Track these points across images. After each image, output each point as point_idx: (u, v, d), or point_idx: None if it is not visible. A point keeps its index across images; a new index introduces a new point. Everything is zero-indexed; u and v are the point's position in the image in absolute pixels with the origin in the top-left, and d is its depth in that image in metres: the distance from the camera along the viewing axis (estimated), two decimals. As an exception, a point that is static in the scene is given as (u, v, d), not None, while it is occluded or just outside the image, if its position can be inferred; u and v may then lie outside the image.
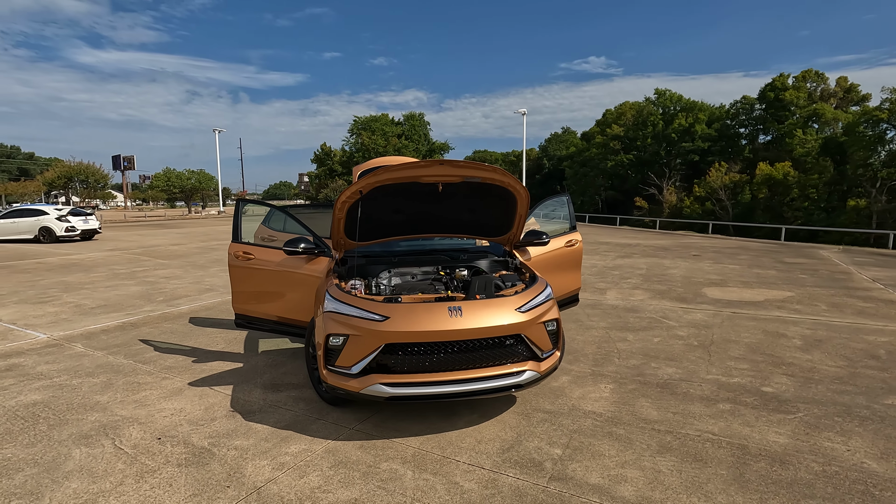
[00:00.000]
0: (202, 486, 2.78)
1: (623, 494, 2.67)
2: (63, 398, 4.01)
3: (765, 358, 4.78)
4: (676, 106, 62.86)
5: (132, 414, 3.71)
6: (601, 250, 14.09)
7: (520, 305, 3.33)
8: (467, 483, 2.79)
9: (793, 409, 3.66)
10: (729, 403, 3.78)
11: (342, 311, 3.26)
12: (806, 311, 6.66)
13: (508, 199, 3.88)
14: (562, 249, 5.20)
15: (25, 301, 7.77)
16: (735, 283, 8.76)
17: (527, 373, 3.32)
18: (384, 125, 62.52)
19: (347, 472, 2.90)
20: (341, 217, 3.74)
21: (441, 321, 3.13)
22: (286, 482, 2.81)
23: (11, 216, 18.19)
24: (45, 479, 2.86)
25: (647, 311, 6.74)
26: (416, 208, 3.94)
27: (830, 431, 3.32)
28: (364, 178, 3.49)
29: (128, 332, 5.96)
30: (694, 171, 57.04)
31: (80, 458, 3.08)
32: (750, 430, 3.35)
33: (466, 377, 3.20)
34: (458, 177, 3.56)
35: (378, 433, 3.38)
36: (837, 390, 4.00)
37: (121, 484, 2.80)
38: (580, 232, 5.44)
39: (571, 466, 2.94)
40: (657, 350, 5.07)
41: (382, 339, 3.11)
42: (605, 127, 67.73)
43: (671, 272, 10.00)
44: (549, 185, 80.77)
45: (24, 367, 4.78)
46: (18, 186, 48.62)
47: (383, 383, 3.13)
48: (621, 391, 4.05)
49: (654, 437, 3.29)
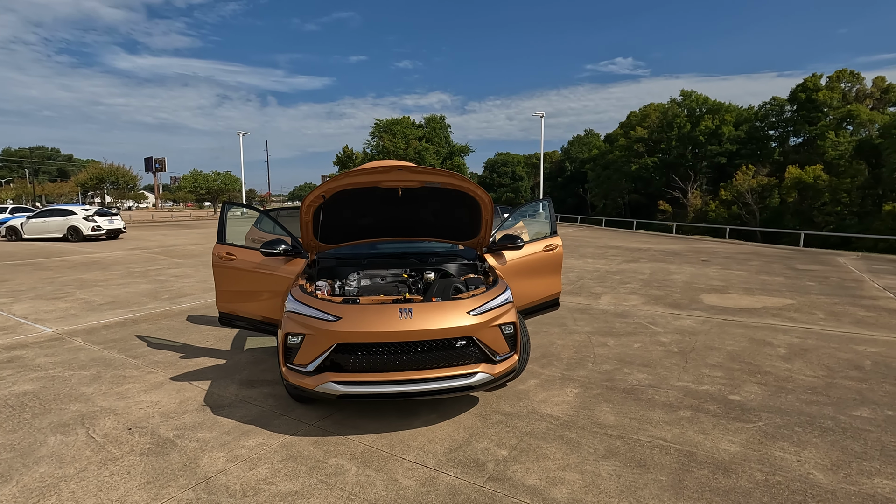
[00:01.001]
0: (157, 474, 2.94)
1: (555, 496, 2.71)
2: (52, 389, 4.26)
3: (742, 366, 4.71)
4: (703, 107, 61.52)
5: (111, 405, 3.92)
6: (609, 254, 13.95)
7: (472, 308, 3.40)
8: (406, 480, 2.87)
9: (754, 419, 3.62)
10: (690, 411, 3.76)
11: (300, 311, 3.40)
12: (801, 319, 6.50)
13: (472, 204, 3.96)
14: (540, 254, 5.21)
15: (41, 297, 8.20)
16: (737, 289, 8.58)
17: (479, 375, 3.38)
18: (405, 128, 63.06)
19: (296, 466, 3.02)
20: (308, 220, 3.88)
21: (391, 322, 3.23)
22: (235, 473, 2.95)
23: (42, 216, 19.10)
24: (17, 462, 3.07)
25: (637, 316, 6.69)
26: (384, 212, 4.05)
27: (786, 441, 3.28)
28: (326, 183, 3.62)
29: (127, 328, 6.24)
30: (720, 174, 55.73)
31: (53, 445, 3.28)
32: (703, 438, 3.33)
33: (417, 377, 3.28)
34: (418, 182, 3.65)
35: (335, 430, 3.49)
36: (807, 400, 3.93)
37: (84, 470, 2.99)
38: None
39: (513, 468, 2.99)
40: (634, 356, 5.04)
41: (334, 338, 3.22)
42: (628, 129, 66.80)
43: (674, 277, 9.85)
44: (570, 187, 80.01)
45: (25, 358, 5.08)
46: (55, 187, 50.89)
47: (335, 381, 3.25)
48: (585, 396, 4.06)
49: (603, 441, 3.31)
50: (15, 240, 18.84)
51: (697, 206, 54.61)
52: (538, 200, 5.67)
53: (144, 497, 2.71)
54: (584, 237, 20.44)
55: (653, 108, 66.16)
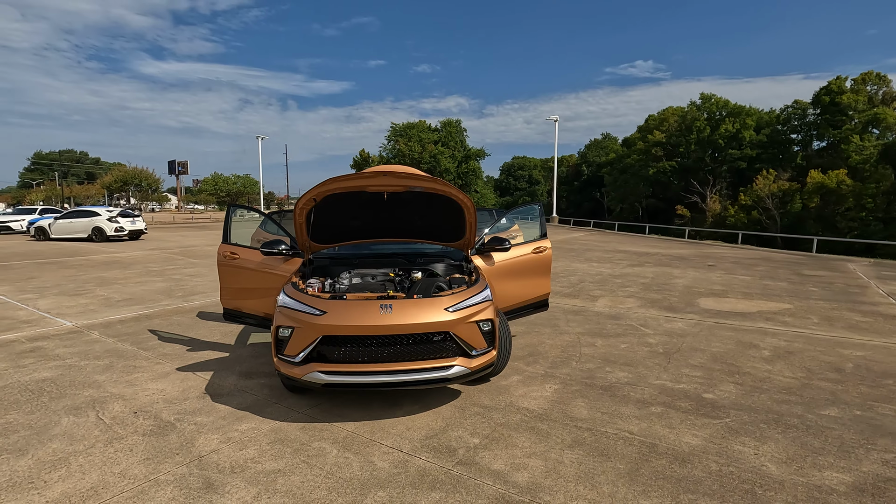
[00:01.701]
0: (156, 452, 3.23)
1: (516, 479, 2.91)
2: (68, 376, 4.61)
3: (723, 367, 4.83)
4: (723, 111, 60.69)
5: (120, 392, 4.25)
6: (615, 259, 14.01)
7: (450, 305, 3.62)
8: (381, 462, 3.11)
9: (722, 415, 3.75)
10: (662, 407, 3.91)
11: (290, 306, 3.66)
12: (794, 323, 6.55)
13: (456, 208, 4.18)
14: (528, 256, 5.41)
15: (64, 293, 8.67)
16: (736, 294, 8.62)
17: (455, 368, 3.60)
18: (420, 132, 63.60)
19: (281, 448, 3.28)
20: (301, 222, 4.15)
21: (372, 317, 3.47)
22: (226, 453, 3.22)
23: (69, 217, 19.92)
24: (33, 439, 3.39)
25: (630, 318, 6.81)
26: (373, 214, 4.30)
27: (748, 437, 3.42)
28: (317, 187, 3.89)
29: (141, 323, 6.62)
30: (740, 178, 54.92)
31: (65, 425, 3.60)
32: (668, 432, 3.49)
33: (397, 369, 3.52)
34: (402, 186, 3.89)
35: (322, 417, 3.74)
36: (779, 400, 4.04)
37: (92, 447, 3.29)
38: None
39: (482, 454, 3.20)
40: (618, 356, 5.20)
41: (320, 331, 3.48)
42: (646, 133, 66.27)
43: (675, 282, 9.90)
44: (587, 191, 79.58)
45: (46, 349, 5.46)
46: (82, 189, 52.81)
47: (321, 371, 3.50)
48: (564, 391, 4.24)
49: (572, 433, 3.49)
50: (43, 239, 19.69)
51: (716, 211, 53.85)
52: (531, 204, 5.85)
53: (143, 471, 2.99)
54: (594, 241, 20.45)
55: (671, 111, 65.52)
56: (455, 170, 61.52)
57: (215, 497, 2.73)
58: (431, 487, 2.83)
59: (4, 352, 5.37)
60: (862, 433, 3.46)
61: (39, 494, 2.76)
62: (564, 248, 16.88)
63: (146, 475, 2.95)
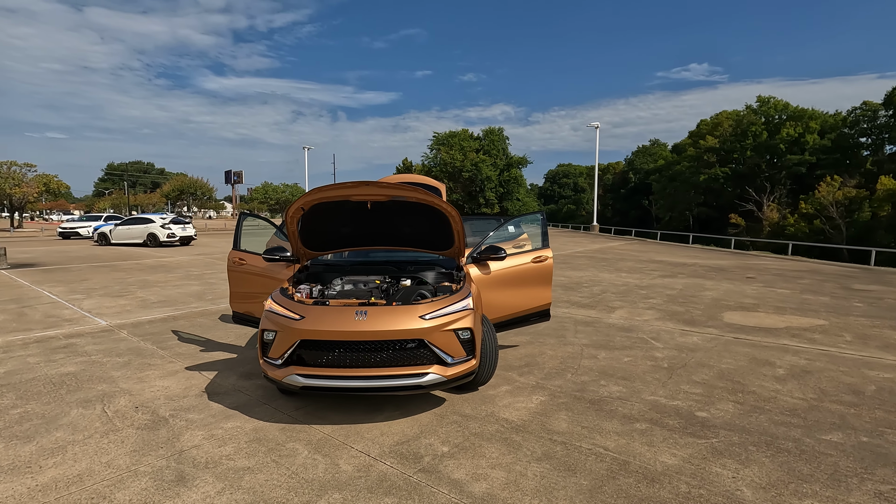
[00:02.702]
0: (144, 444, 3.45)
1: (472, 490, 2.90)
2: (89, 371, 4.98)
3: (727, 384, 4.59)
4: (782, 114, 57.45)
5: (130, 387, 4.55)
6: (647, 269, 13.53)
7: (425, 313, 3.66)
8: (346, 465, 3.18)
9: (710, 435, 3.57)
10: (647, 424, 3.77)
11: (274, 311, 3.82)
12: (822, 341, 6.11)
13: (441, 217, 4.22)
14: (528, 265, 5.36)
15: (108, 294, 9.36)
16: (768, 308, 8.13)
17: (430, 375, 3.62)
18: (462, 140, 63.93)
19: (257, 447, 3.42)
20: (293, 230, 4.33)
21: (346, 323, 3.57)
22: (206, 449, 3.39)
23: (127, 224, 21.45)
24: (41, 428, 3.70)
25: (643, 331, 6.58)
26: (363, 223, 4.41)
27: (731, 459, 3.24)
28: (303, 196, 4.05)
29: (167, 324, 7.05)
30: (800, 185, 51.70)
31: (73, 416, 3.91)
32: (646, 450, 3.36)
33: (372, 374, 3.59)
34: (385, 196, 3.98)
35: (304, 419, 3.86)
36: (779, 421, 3.80)
37: (89, 437, 3.56)
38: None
39: (447, 462, 3.21)
40: (618, 369, 5.04)
41: (298, 335, 3.61)
42: (698, 138, 63.76)
43: (705, 294, 9.46)
44: (634, 199, 77.16)
45: (77, 345, 5.93)
46: (146, 198, 56.80)
47: (299, 374, 3.62)
48: (549, 404, 4.17)
49: (544, 445, 3.43)
50: (104, 244, 21.28)
51: (773, 219, 50.89)
52: (534, 212, 5.80)
53: (126, 462, 3.21)
54: (630, 251, 19.82)
55: (725, 115, 62.70)
56: (497, 178, 61.31)
57: (182, 490, 2.89)
58: (387, 493, 2.87)
59: (42, 347, 5.87)
60: (861, 461, 3.20)
61: (32, 479, 3.01)
62: (596, 258, 16.47)
63: (128, 466, 3.16)
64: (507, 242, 5.61)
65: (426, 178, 7.48)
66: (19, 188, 36.34)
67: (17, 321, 7.20)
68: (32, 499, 2.80)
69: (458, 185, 60.77)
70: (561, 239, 27.52)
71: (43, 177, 38.58)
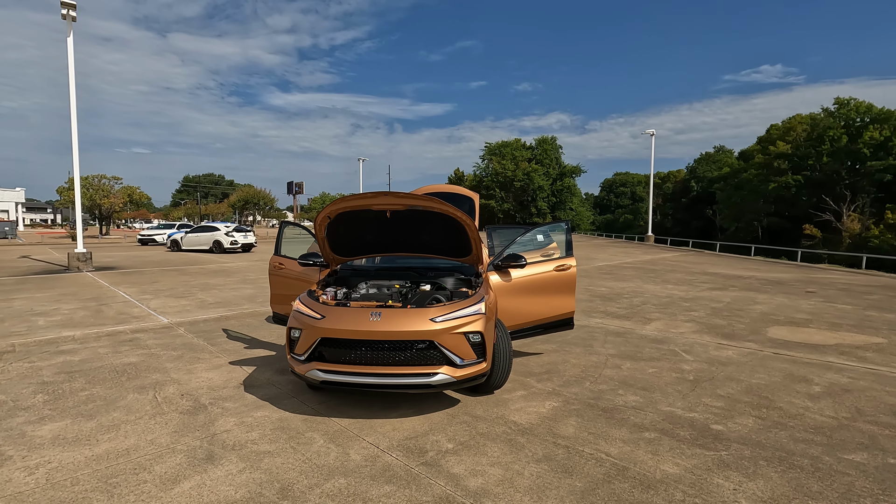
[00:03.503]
0: (183, 426, 3.87)
1: (468, 484, 3.05)
2: (147, 362, 5.57)
3: (753, 399, 4.44)
4: (865, 116, 53.06)
5: (179, 377, 5.06)
6: (697, 281, 12.99)
7: (435, 316, 3.86)
8: (355, 455, 3.42)
9: (721, 448, 3.51)
10: (657, 433, 3.75)
11: (299, 311, 4.16)
12: (873, 359, 5.71)
13: (457, 226, 4.42)
14: (550, 273, 5.43)
15: (172, 295, 10.25)
16: (821, 323, 7.64)
17: (439, 376, 3.81)
18: (514, 150, 63.79)
19: (279, 434, 3.74)
20: (322, 237, 4.67)
21: (362, 323, 3.83)
22: (235, 433, 3.75)
23: (196, 231, 23.21)
24: (102, 408, 4.23)
25: (675, 343, 6.42)
26: (386, 231, 4.69)
27: (737, 472, 3.18)
28: (329, 205, 4.38)
29: (219, 323, 7.67)
30: (886, 193, 47.37)
31: (129, 399, 4.42)
32: (649, 458, 3.37)
33: (384, 372, 3.82)
34: (402, 205, 4.24)
35: (325, 412, 4.16)
36: (801, 438, 3.66)
37: (140, 418, 4.03)
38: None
39: (448, 458, 3.37)
40: (640, 379, 4.99)
41: (319, 333, 3.91)
42: (767, 144, 60.06)
43: (754, 308, 9.00)
44: (696, 209, 73.58)
45: (140, 340, 6.60)
46: (215, 207, 60.98)
47: (319, 369, 3.92)
48: (562, 409, 4.23)
49: (547, 448, 3.52)
50: (176, 250, 23.11)
51: (854, 231, 46.97)
52: (558, 222, 5.86)
53: (167, 440, 3.62)
54: (683, 263, 19.03)
55: (798, 119, 58.76)
56: (549, 187, 60.51)
57: (209, 467, 3.24)
58: (387, 481, 3.08)
59: (112, 340, 6.59)
60: (881, 483, 3.05)
61: (89, 449, 3.48)
62: (644, 269, 15.98)
63: (168, 444, 3.56)
64: (536, 251, 5.71)
65: (459, 188, 7.70)
66: (107, 199, 40.09)
67: (95, 317, 8.09)
68: (88, 465, 3.25)
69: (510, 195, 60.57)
70: (610, 250, 26.81)
71: (127, 188, 42.39)
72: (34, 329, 7.18)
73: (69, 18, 14.62)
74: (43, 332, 6.97)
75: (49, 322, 7.66)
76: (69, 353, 5.92)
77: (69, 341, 6.51)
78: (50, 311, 8.51)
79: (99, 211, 41.57)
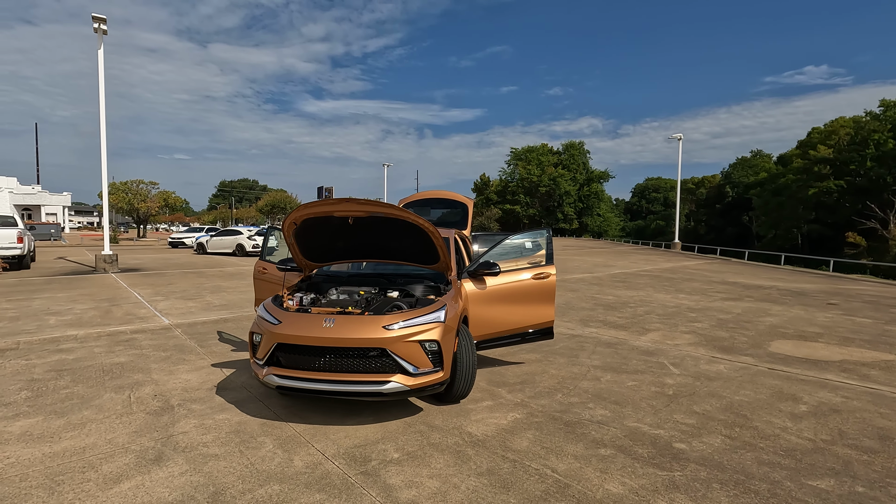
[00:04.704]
0: (145, 426, 3.96)
1: (398, 496, 3.00)
2: (134, 363, 5.74)
3: (729, 417, 4.22)
4: (913, 119, 50.22)
5: (158, 378, 5.19)
6: (712, 291, 12.51)
7: (389, 323, 3.83)
8: (299, 461, 3.42)
9: (676, 468, 3.35)
10: (613, 450, 3.61)
11: (261, 315, 4.21)
12: (878, 378, 5.34)
13: (422, 233, 4.39)
14: (528, 282, 5.33)
15: (183, 297, 10.58)
16: (832, 338, 7.22)
17: (392, 384, 3.78)
18: (541, 155, 63.22)
19: (233, 437, 3.78)
20: (291, 242, 4.72)
21: (315, 329, 3.84)
22: (191, 435, 3.82)
23: (221, 235, 23.92)
24: (76, 406, 4.38)
25: (666, 356, 6.19)
26: (355, 238, 4.70)
27: (684, 494, 3.02)
28: (293, 212, 4.43)
29: (216, 325, 7.85)
30: (938, 200, 44.53)
31: (104, 399, 4.57)
32: (596, 476, 3.24)
33: (338, 379, 3.82)
34: (364, 212, 4.24)
35: (286, 417, 4.18)
36: (766, 461, 3.45)
37: (107, 417, 4.15)
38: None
39: (390, 468, 3.33)
40: (615, 393, 4.82)
41: (275, 338, 3.95)
42: (808, 148, 57.57)
43: (763, 320, 8.59)
44: (732, 215, 71.06)
45: (137, 340, 6.83)
46: (245, 212, 62.87)
47: (275, 374, 3.96)
48: (523, 422, 4.12)
49: (494, 462, 3.43)
50: (201, 253, 23.88)
51: (902, 239, 44.25)
52: (538, 229, 5.75)
53: (124, 440, 3.71)
54: (704, 271, 18.38)
55: (841, 122, 56.22)
56: (576, 192, 59.61)
57: (154, 468, 3.30)
58: (321, 489, 3.07)
59: (110, 340, 6.84)
60: (840, 513, 2.84)
61: (49, 447, 3.60)
62: (661, 278, 15.50)
63: (124, 444, 3.66)
64: (524, 258, 5.61)
65: (454, 194, 7.67)
66: (144, 203, 41.86)
67: (103, 317, 8.43)
68: (42, 462, 3.36)
69: (536, 201, 59.97)
70: (632, 257, 26.16)
71: (163, 193, 44.17)
72: (43, 328, 7.53)
73: (100, 32, 15.40)
74: (50, 331, 7.29)
75: (59, 321, 8.02)
76: (66, 352, 6.17)
77: (70, 340, 6.79)
78: (63, 311, 8.91)
79: (137, 214, 43.43)
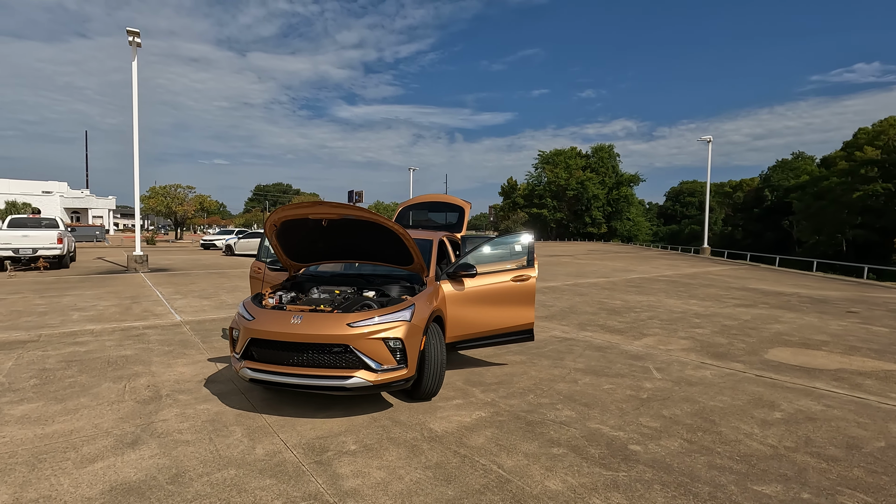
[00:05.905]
0: (131, 413, 4.26)
1: (344, 484, 3.15)
2: (138, 356, 6.12)
3: (695, 422, 4.18)
4: (971, 117, 47.27)
5: (156, 370, 5.53)
6: (727, 297, 12.16)
7: (352, 321, 4.00)
8: (260, 450, 3.62)
9: (622, 469, 3.37)
10: (566, 449, 3.66)
11: (239, 312, 4.46)
12: (871, 388, 5.15)
13: (393, 236, 4.54)
14: (507, 284, 5.41)
15: (200, 296, 11.08)
16: (837, 347, 6.96)
17: (354, 379, 3.94)
18: (569, 158, 62.49)
19: (206, 426, 4.02)
20: (274, 243, 4.97)
21: (283, 325, 4.05)
22: (170, 423, 4.08)
23: (248, 237, 24.76)
24: (76, 394, 4.73)
25: (654, 360, 6.13)
26: (335, 239, 4.90)
27: (621, 494, 3.05)
28: (272, 214, 4.66)
29: (224, 322, 8.22)
30: None
31: (102, 388, 4.91)
32: (540, 473, 3.30)
33: (304, 373, 4.02)
34: (336, 215, 4.43)
35: (260, 409, 4.41)
36: (718, 465, 3.43)
37: (100, 404, 4.48)
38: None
39: (344, 458, 3.49)
40: (588, 395, 4.84)
41: (249, 334, 4.18)
42: (853, 150, 54.90)
43: (770, 327, 8.34)
44: (771, 219, 68.45)
45: (147, 335, 7.25)
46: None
47: (249, 368, 4.18)
48: (486, 420, 4.21)
49: (444, 456, 3.54)
50: (229, 255, 24.79)
51: (957, 245, 41.64)
52: (521, 232, 5.81)
53: (108, 426, 4.01)
54: (725, 277, 17.83)
55: (890, 122, 53.38)
56: (604, 196, 58.62)
57: (128, 451, 3.57)
58: (272, 475, 3.25)
59: (122, 334, 7.29)
60: (775, 518, 2.82)
61: (41, 429, 3.93)
62: (677, 283, 15.16)
63: (107, 429, 3.95)
64: (508, 261, 5.69)
65: (451, 198, 7.80)
66: (181, 206, 43.69)
67: (122, 313, 8.95)
68: (31, 442, 3.68)
69: (563, 204, 59.31)
70: (656, 262, 25.60)
71: (199, 197, 46.01)
72: (66, 322, 8.07)
73: (134, 45, 16.31)
74: (71, 326, 7.82)
75: (81, 316, 8.57)
76: (80, 345, 6.62)
77: (87, 334, 7.27)
78: (87, 307, 9.50)
79: (174, 217, 45.39)
